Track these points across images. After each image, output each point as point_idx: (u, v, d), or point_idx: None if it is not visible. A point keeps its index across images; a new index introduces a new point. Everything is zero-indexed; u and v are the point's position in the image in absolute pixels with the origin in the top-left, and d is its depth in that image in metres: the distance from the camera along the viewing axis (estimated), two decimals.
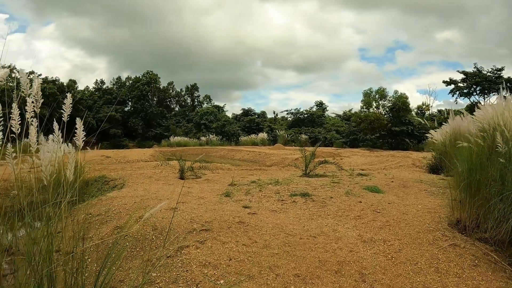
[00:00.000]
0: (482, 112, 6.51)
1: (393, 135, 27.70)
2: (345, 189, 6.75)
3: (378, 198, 6.24)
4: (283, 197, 6.06)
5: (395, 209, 5.52)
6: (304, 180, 7.66)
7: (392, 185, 7.59)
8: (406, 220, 4.91)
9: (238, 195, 6.32)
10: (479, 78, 29.16)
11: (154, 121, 46.06)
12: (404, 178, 8.78)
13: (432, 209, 5.47)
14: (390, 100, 28.70)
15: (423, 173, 11.01)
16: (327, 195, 6.21)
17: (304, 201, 5.83)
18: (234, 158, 21.53)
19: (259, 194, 6.29)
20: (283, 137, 32.62)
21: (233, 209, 5.27)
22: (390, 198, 6.27)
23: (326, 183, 7.25)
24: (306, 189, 6.56)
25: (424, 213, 5.24)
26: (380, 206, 5.64)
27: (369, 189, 6.89)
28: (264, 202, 5.79)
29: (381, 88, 30.08)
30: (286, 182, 7.38)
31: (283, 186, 6.85)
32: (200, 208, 5.26)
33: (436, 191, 7.21)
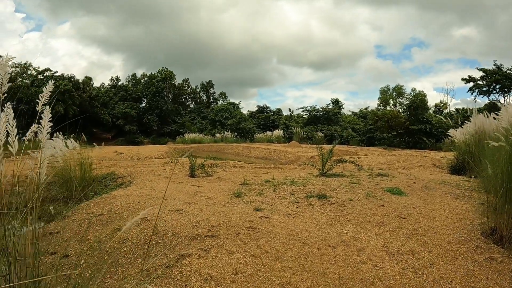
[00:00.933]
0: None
1: (410, 133, 26.92)
2: (365, 190, 6.23)
3: (401, 201, 5.72)
4: (299, 199, 5.59)
5: (421, 214, 5.01)
6: (321, 180, 7.16)
7: (415, 187, 7.04)
8: (435, 228, 4.41)
9: (250, 195, 5.88)
10: (499, 75, 28.08)
11: (169, 117, 45.87)
12: (426, 179, 8.23)
13: (461, 215, 4.97)
14: (408, 97, 27.83)
15: (445, 173, 10.41)
16: (346, 197, 5.71)
17: (322, 203, 5.34)
18: (249, 155, 21.10)
19: (273, 195, 5.83)
20: (298, 135, 31.99)
21: (243, 211, 4.82)
22: (414, 202, 5.74)
23: (345, 184, 6.73)
24: (323, 190, 6.07)
25: (453, 220, 4.74)
26: (405, 211, 5.13)
27: (391, 191, 6.36)
28: (278, 204, 5.33)
29: (398, 86, 29.33)
30: (301, 182, 6.90)
31: (298, 187, 6.37)
32: (207, 210, 4.82)
33: (462, 194, 6.70)
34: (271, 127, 37.45)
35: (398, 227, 4.42)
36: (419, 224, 4.56)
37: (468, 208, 5.42)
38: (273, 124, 38.62)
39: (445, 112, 33.02)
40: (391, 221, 4.67)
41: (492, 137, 8.39)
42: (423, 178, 8.46)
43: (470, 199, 6.18)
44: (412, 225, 4.50)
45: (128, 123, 41.69)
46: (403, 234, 4.18)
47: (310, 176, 7.80)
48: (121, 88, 47.08)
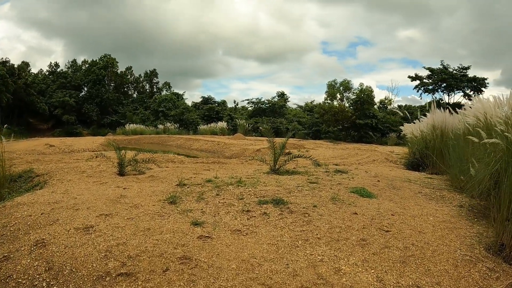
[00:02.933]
0: None
1: (356, 128, 26.83)
2: (329, 192, 5.14)
3: (374, 206, 4.72)
4: (250, 206, 4.32)
5: (405, 224, 4.05)
6: (273, 179, 5.96)
7: (381, 186, 6.11)
8: (429, 244, 3.48)
9: (188, 201, 4.52)
10: (445, 75, 29.00)
11: (110, 107, 42.63)
12: (388, 177, 7.39)
13: (448, 223, 4.24)
14: (355, 92, 27.69)
15: (403, 170, 9.70)
16: (308, 202, 4.56)
17: (279, 212, 4.12)
18: (192, 148, 19.88)
19: (216, 201, 4.52)
20: (243, 127, 30.81)
21: (176, 228, 3.50)
22: (388, 206, 4.79)
23: (302, 184, 5.60)
24: (279, 193, 4.88)
25: (444, 231, 3.91)
26: (384, 220, 4.12)
27: (358, 193, 5.33)
28: (223, 215, 4.02)
29: (346, 80, 29.16)
30: (251, 181, 5.66)
31: (247, 188, 5.12)
32: (127, 227, 3.46)
33: (432, 193, 5.99)
34: (216, 119, 35.88)
35: (386, 246, 3.34)
36: (409, 239, 3.57)
37: (450, 213, 4.71)
38: (218, 116, 37.07)
39: (389, 108, 33.40)
40: (374, 236, 3.58)
41: (456, 133, 7.90)
42: (385, 175, 7.63)
43: (445, 200, 5.50)
44: (402, 242, 3.47)
45: (66, 113, 38.00)
46: (396, 258, 3.09)
47: (260, 174, 6.56)
48: (60, 75, 42.63)
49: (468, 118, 7.16)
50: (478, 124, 6.90)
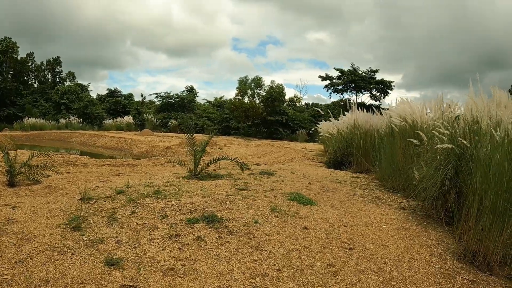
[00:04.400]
0: None
1: (267, 124, 26.69)
2: (265, 201, 4.45)
3: (319, 215, 4.17)
4: (178, 228, 3.39)
5: (363, 237, 3.61)
6: (197, 187, 5.05)
7: (315, 190, 5.64)
8: (401, 260, 3.13)
9: (96, 225, 3.41)
10: (355, 76, 30.38)
11: (7, 98, 36.99)
12: (317, 177, 7.01)
13: (403, 230, 3.99)
14: (265, 89, 27.57)
15: (325, 168, 9.48)
16: (247, 216, 3.81)
17: (217, 235, 3.27)
18: (96, 145, 18.42)
19: (133, 222, 3.49)
20: (151, 122, 29.20)
21: (86, 275, 2.46)
22: (334, 214, 4.30)
23: (232, 192, 4.82)
24: (209, 206, 4.03)
25: (405, 240, 3.64)
26: (341, 234, 3.60)
27: (296, 199, 4.73)
28: (146, 244, 3.03)
29: (258, 77, 28.92)
30: (171, 191, 4.68)
31: (169, 201, 4.17)
32: (15, 281, 2.35)
33: (366, 194, 5.75)
34: (122, 113, 33.54)
35: (360, 271, 2.80)
36: (378, 257, 3.11)
37: (397, 217, 4.49)
38: (124, 110, 34.57)
39: (298, 105, 33.94)
40: (341, 259, 2.99)
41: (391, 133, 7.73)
42: (312, 176, 7.23)
43: (384, 203, 5.29)
44: (373, 263, 2.99)
45: None
46: (378, 285, 2.59)
47: (179, 180, 5.56)
48: None
49: (394, 119, 7.01)
50: (404, 125, 6.77)
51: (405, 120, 6.82)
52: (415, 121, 6.58)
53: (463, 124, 4.43)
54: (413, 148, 6.06)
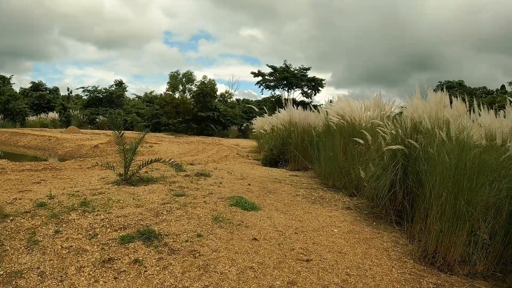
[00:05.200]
0: None
1: (198, 120, 26.05)
2: (205, 209, 4.01)
3: (267, 222, 3.84)
4: (110, 250, 2.81)
5: (318, 245, 3.36)
6: (128, 194, 4.42)
7: (256, 192, 5.33)
8: (362, 268, 2.95)
9: (14, 251, 2.69)
10: (287, 73, 30.47)
11: None
12: (255, 177, 6.72)
13: (355, 233, 3.84)
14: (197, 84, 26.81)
15: (261, 166, 9.26)
16: (188, 229, 3.34)
17: (157, 256, 2.77)
18: (19, 144, 16.49)
19: (58, 245, 2.81)
20: (78, 119, 26.74)
21: None
22: (281, 219, 4.00)
23: (168, 199, 4.29)
24: (144, 218, 3.50)
25: (360, 245, 3.50)
26: (293, 243, 3.31)
27: (239, 205, 4.36)
28: (75, 275, 2.41)
29: (189, 72, 27.91)
30: (100, 201, 3.99)
31: (99, 215, 3.51)
32: None
33: (309, 194, 5.59)
34: (47, 109, 30.71)
35: (324, 286, 2.57)
36: (338, 267, 2.91)
37: (346, 219, 4.35)
38: (49, 105, 31.78)
39: (229, 101, 33.51)
40: (301, 274, 2.69)
41: (330, 131, 7.60)
42: (250, 175, 6.93)
43: (328, 202, 5.16)
44: (335, 274, 2.77)
45: None
46: None
47: (108, 186, 4.83)
48: None
49: (332, 117, 6.89)
50: (342, 123, 6.67)
51: (343, 118, 6.72)
52: (354, 120, 6.49)
53: (410, 124, 4.31)
54: (353, 146, 5.95)
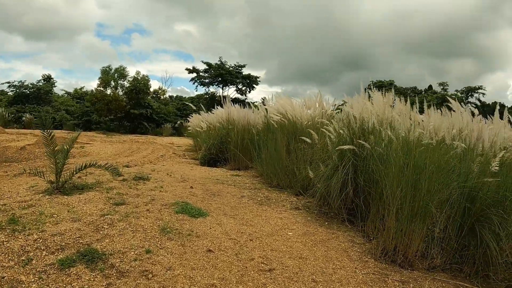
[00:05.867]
0: None
1: (131, 118, 24.89)
2: (150, 219, 3.63)
3: (218, 229, 3.57)
4: (49, 280, 2.33)
5: (276, 251, 3.18)
6: (62, 206, 3.86)
7: (200, 195, 5.04)
8: (326, 273, 2.83)
9: None
10: (223, 70, 30.23)
11: None
12: (196, 179, 6.38)
13: (310, 235, 3.70)
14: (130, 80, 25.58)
15: (200, 166, 8.92)
16: (133, 244, 2.96)
17: (105, 282, 2.35)
18: None
19: None
20: (3, 117, 24.15)
21: None
22: (232, 225, 3.76)
23: (106, 208, 3.83)
24: (84, 235, 3.04)
25: (318, 248, 3.37)
26: (251, 252, 3.09)
27: (185, 211, 4.03)
28: None
29: (122, 67, 26.48)
30: (31, 216, 3.42)
31: (31, 234, 2.95)
32: None
33: (254, 195, 5.40)
34: None
35: None
36: (303, 275, 2.77)
37: (298, 220, 4.21)
38: None
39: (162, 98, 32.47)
40: (267, 286, 2.51)
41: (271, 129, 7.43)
42: (191, 177, 6.58)
43: (275, 203, 5.00)
44: (301, 283, 2.63)
45: None
46: None
47: (39, 197, 4.16)
48: None
49: (273, 116, 6.75)
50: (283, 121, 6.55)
51: (284, 117, 6.60)
52: (295, 118, 6.39)
53: (358, 123, 4.24)
54: (296, 145, 5.86)
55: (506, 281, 2.88)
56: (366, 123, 4.17)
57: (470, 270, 2.99)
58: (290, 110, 6.51)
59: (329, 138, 4.52)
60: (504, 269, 2.88)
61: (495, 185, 3.02)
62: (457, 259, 3.08)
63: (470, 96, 36.64)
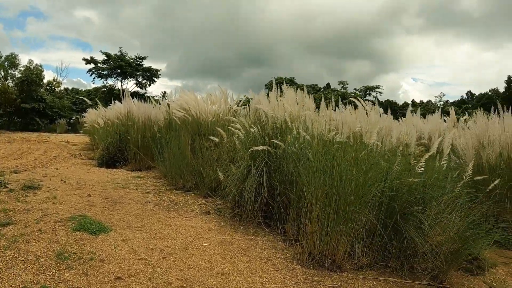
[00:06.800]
0: None
1: (22, 113, 21.95)
2: (42, 241, 2.99)
3: (124, 248, 3.05)
4: None
5: (195, 269, 2.77)
6: None
7: (99, 205, 4.42)
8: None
9: None
10: (123, 62, 28.24)
11: None
12: (94, 185, 5.67)
13: (227, 244, 3.37)
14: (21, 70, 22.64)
15: (98, 168, 8.09)
16: (25, 281, 2.33)
17: None
18: None
19: None
20: None
21: None
22: (139, 240, 3.27)
23: None
24: None
25: (238, 258, 3.05)
26: (168, 274, 2.64)
27: (84, 228, 3.42)
28: None
29: (13, 55, 23.25)
30: None
31: None
32: None
33: (159, 200, 4.91)
34: None
35: None
36: None
37: (211, 226, 3.85)
38: None
39: (57, 90, 29.55)
40: None
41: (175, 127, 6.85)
42: (89, 182, 5.84)
43: (184, 208, 4.59)
44: None
45: None
46: None
47: None
48: None
49: (176, 112, 6.31)
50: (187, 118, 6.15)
51: (188, 113, 6.19)
52: (200, 114, 6.01)
53: (271, 121, 3.98)
54: (201, 143, 5.49)
55: (428, 270, 2.94)
56: (279, 121, 3.93)
57: (395, 265, 3.00)
58: (194, 105, 6.10)
59: (237, 137, 4.23)
60: (426, 259, 2.93)
61: (416, 184, 3.04)
62: (382, 256, 3.06)
63: (368, 95, 39.31)
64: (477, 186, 3.47)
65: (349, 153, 3.01)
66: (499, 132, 4.27)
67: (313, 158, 3.07)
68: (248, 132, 4.17)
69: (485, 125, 4.48)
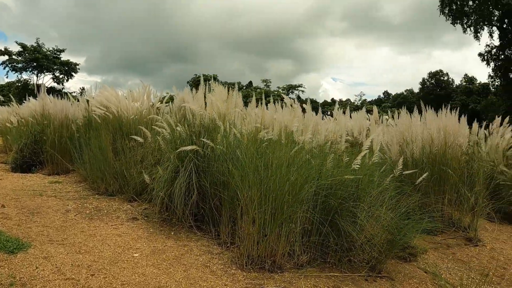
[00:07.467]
0: None
1: None
2: None
3: (48, 268, 2.69)
4: None
5: (129, 285, 2.53)
6: None
7: (14, 216, 3.92)
8: None
9: None
10: (39, 54, 25.55)
11: None
12: (8, 192, 5.07)
13: (160, 253, 3.15)
14: None
15: (11, 173, 7.27)
16: None
17: None
18: None
19: None
20: None
21: None
22: (64, 257, 2.91)
23: None
24: None
25: (176, 268, 2.85)
26: None
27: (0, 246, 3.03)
28: None
29: None
30: None
31: None
32: None
33: (81, 207, 4.50)
34: None
35: None
36: None
37: (139, 234, 3.58)
38: None
39: None
40: None
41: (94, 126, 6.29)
42: (2, 190, 5.22)
43: (109, 215, 4.20)
44: None
45: None
46: None
47: None
48: None
49: (96, 109, 5.86)
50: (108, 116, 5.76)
51: (109, 110, 5.78)
52: (121, 112, 5.65)
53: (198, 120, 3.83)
54: (123, 143, 5.17)
55: (365, 261, 3.04)
56: (207, 119, 3.79)
57: (334, 260, 3.05)
58: (115, 102, 5.70)
59: (162, 136, 4.03)
60: (363, 251, 3.03)
61: (350, 180, 3.08)
62: (320, 252, 3.10)
63: (291, 93, 40.01)
64: (403, 180, 3.69)
65: (280, 151, 2.96)
66: (421, 129, 4.61)
67: (245, 157, 2.98)
68: (174, 131, 3.97)
69: (409, 122, 4.80)
